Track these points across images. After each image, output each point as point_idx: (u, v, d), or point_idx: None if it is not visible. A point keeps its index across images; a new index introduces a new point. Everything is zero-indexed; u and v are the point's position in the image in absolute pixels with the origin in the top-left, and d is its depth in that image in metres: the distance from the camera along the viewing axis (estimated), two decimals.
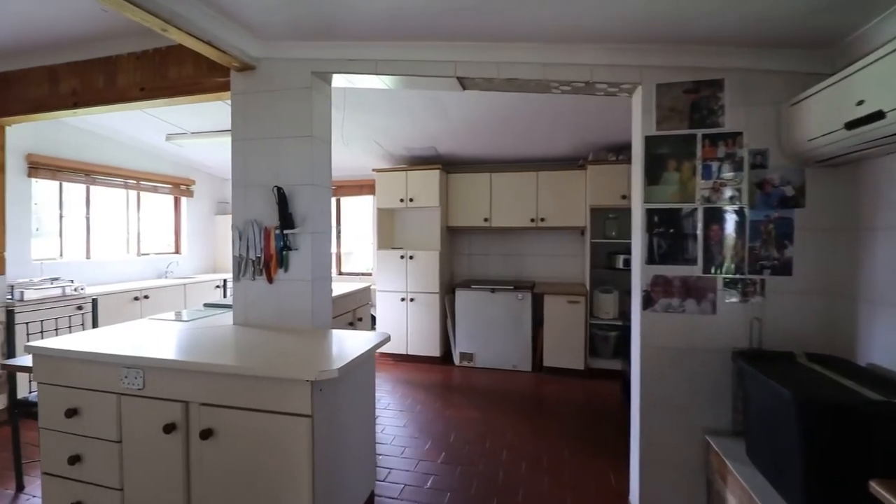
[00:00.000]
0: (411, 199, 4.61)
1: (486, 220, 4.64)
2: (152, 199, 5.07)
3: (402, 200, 4.66)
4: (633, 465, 2.14)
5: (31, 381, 1.91)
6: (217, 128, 3.88)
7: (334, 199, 5.58)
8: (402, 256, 4.61)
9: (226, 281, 4.68)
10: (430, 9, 1.82)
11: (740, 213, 1.93)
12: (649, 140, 2.02)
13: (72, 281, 3.52)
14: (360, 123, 3.74)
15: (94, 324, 2.82)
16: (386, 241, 4.96)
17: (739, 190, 1.93)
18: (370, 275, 5.43)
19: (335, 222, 5.62)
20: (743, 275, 1.93)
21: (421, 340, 4.59)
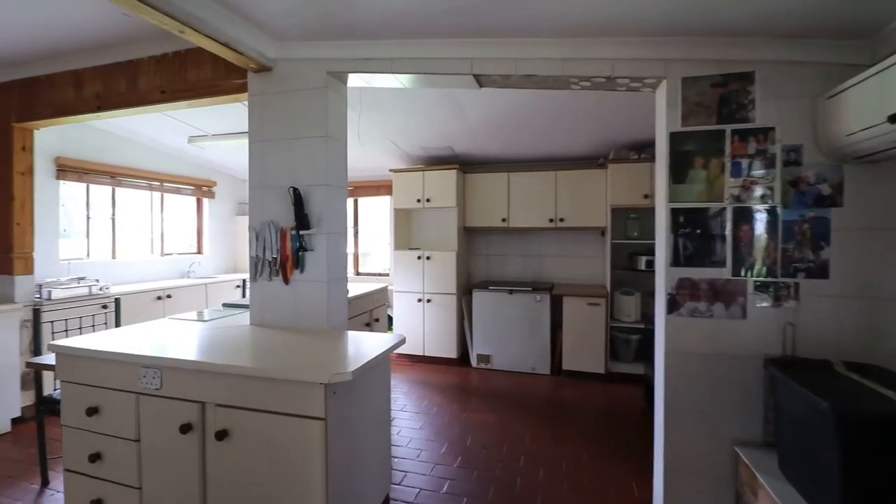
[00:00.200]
0: (428, 200, 4.59)
1: (503, 220, 4.58)
2: (175, 201, 5.17)
3: (418, 201, 4.64)
4: (657, 473, 2.06)
5: (55, 378, 1.94)
6: (237, 130, 3.93)
7: (352, 200, 5.61)
8: (419, 257, 4.59)
9: (244, 281, 4.74)
10: (447, 5, 1.78)
11: (772, 213, 1.84)
12: (674, 136, 1.93)
13: (97, 280, 3.60)
14: (377, 123, 3.73)
15: (117, 323, 2.88)
16: (403, 242, 4.95)
17: (771, 188, 1.84)
18: (387, 275, 5.42)
19: (352, 223, 5.64)
20: (775, 278, 1.84)
21: (438, 341, 4.56)
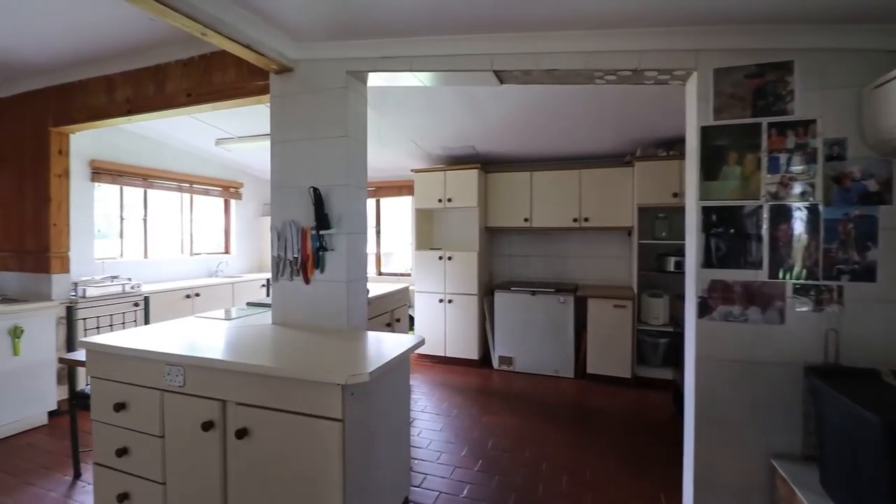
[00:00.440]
0: (449, 200, 4.56)
1: (526, 220, 4.51)
2: (204, 202, 5.31)
3: (440, 201, 4.61)
4: (687, 485, 1.97)
5: (86, 374, 2.01)
6: (262, 132, 3.99)
7: (374, 200, 5.63)
8: (441, 257, 4.56)
9: (269, 280, 4.82)
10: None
11: (813, 211, 1.72)
12: (706, 131, 1.84)
13: (129, 279, 3.72)
14: (398, 124, 3.72)
15: (146, 320, 2.96)
16: (424, 242, 4.93)
17: (812, 185, 1.72)
18: (409, 275, 5.42)
19: (374, 223, 5.67)
20: (816, 280, 1.72)
21: (459, 342, 4.52)
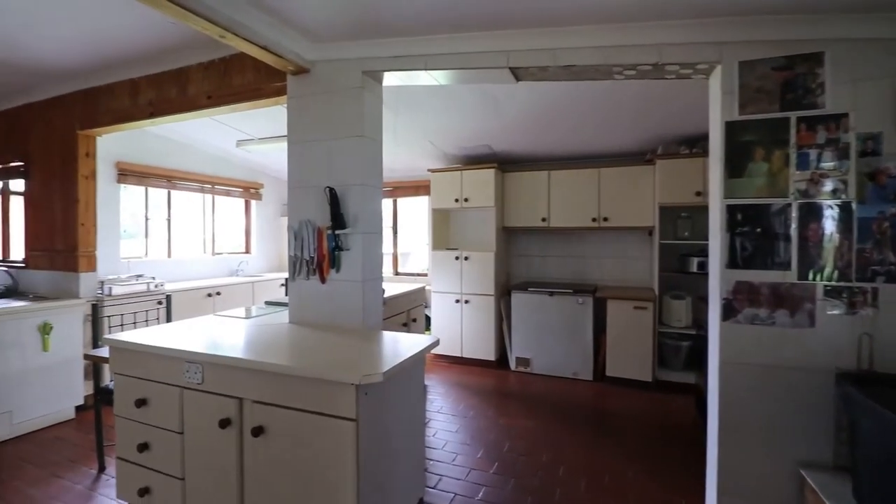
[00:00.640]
0: (466, 200, 4.53)
1: (543, 220, 4.45)
2: (225, 203, 5.42)
3: (456, 201, 4.59)
4: (710, 494, 1.90)
5: (109, 370, 2.06)
6: (281, 133, 4.04)
7: (391, 200, 5.65)
8: (457, 257, 4.54)
9: (287, 279, 4.88)
10: None
11: (846, 209, 1.64)
12: (731, 126, 1.77)
13: (153, 277, 3.82)
14: (414, 123, 3.72)
15: (168, 318, 3.03)
16: (441, 242, 4.92)
17: (845, 182, 1.64)
18: (426, 275, 5.42)
19: (391, 223, 5.69)
20: (849, 282, 1.64)
21: (476, 343, 4.49)
